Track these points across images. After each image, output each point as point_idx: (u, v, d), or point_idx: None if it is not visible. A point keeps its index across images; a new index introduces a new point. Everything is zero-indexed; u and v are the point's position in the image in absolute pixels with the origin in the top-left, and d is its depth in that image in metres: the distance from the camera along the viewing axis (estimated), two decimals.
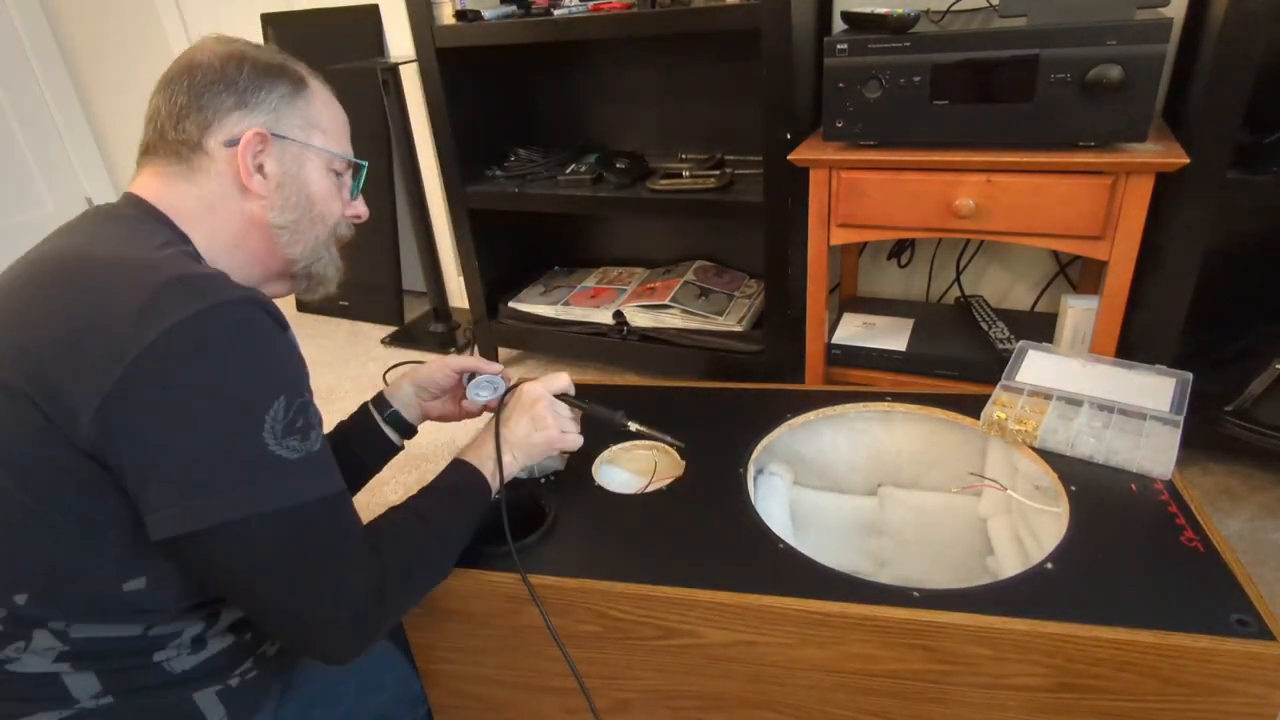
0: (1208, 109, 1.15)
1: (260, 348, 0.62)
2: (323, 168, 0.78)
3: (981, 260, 1.77)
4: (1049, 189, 1.20)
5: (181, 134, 0.71)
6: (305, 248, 0.79)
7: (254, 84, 0.73)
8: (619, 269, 2.16)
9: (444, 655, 0.90)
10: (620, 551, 0.83)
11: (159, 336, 0.56)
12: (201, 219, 0.72)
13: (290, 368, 0.64)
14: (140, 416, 0.57)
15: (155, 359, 0.56)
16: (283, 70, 0.76)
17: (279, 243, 0.76)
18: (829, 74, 1.29)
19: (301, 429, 0.62)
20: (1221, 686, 0.66)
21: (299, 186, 0.76)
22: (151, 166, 0.73)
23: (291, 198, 0.76)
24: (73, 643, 0.63)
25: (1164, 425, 0.91)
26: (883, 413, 1.06)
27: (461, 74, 1.82)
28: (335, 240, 0.83)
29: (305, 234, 0.78)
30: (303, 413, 0.63)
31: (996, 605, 0.71)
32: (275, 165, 0.74)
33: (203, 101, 0.71)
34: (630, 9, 1.57)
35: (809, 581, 0.76)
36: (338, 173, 0.81)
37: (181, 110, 0.71)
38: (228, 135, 0.72)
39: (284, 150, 0.75)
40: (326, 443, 0.66)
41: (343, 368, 2.21)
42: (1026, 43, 1.16)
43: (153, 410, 0.57)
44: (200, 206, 0.72)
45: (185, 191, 0.72)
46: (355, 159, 0.83)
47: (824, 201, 1.36)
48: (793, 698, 0.79)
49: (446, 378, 1.00)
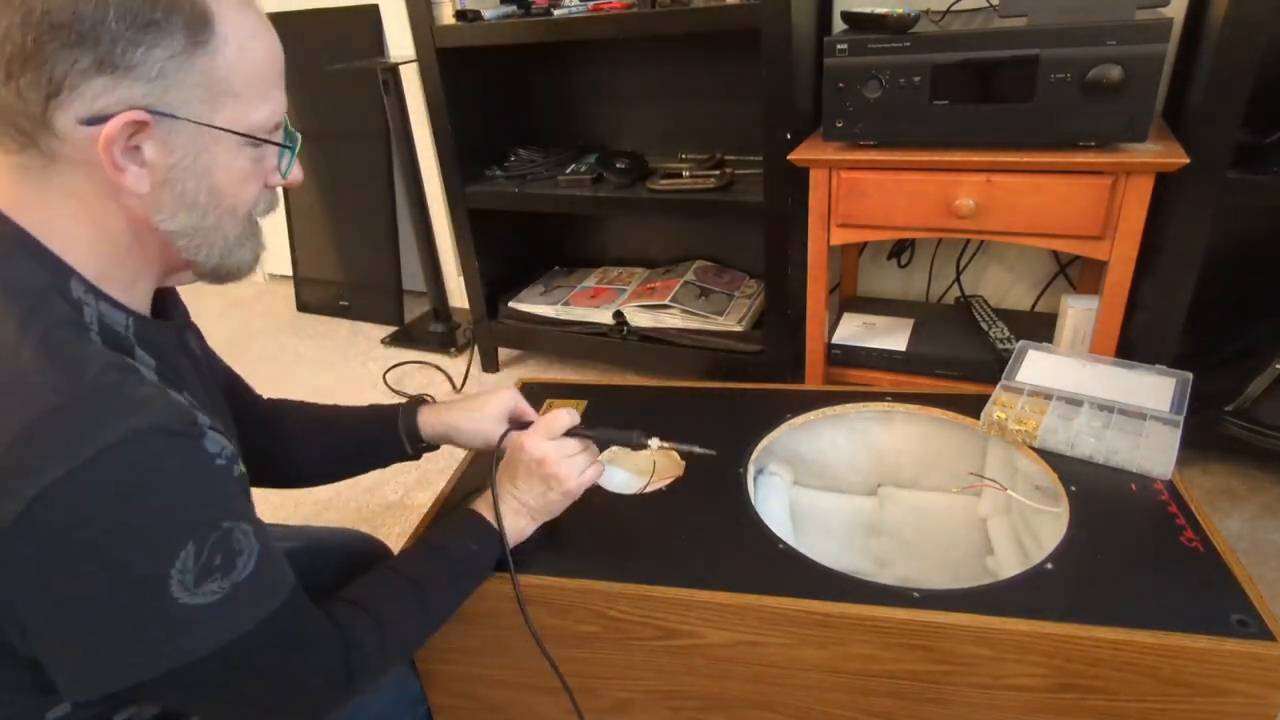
0: (1208, 109, 1.15)
1: (154, 496, 0.49)
2: (234, 147, 0.56)
3: (981, 260, 1.77)
4: (1049, 189, 1.20)
5: (20, 100, 0.48)
6: (210, 250, 0.59)
7: (127, 34, 0.49)
8: (619, 269, 2.16)
9: (444, 655, 0.90)
10: (620, 551, 0.83)
11: (25, 509, 0.45)
12: (78, 233, 0.54)
13: (198, 504, 0.51)
14: (19, 603, 0.48)
15: (24, 537, 0.45)
16: (174, 7, 0.50)
17: (179, 247, 0.58)
18: (829, 74, 1.29)
19: (222, 565, 0.52)
20: (1221, 686, 0.66)
21: (197, 178, 0.55)
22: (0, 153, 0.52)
23: (187, 195, 0.55)
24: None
25: (1164, 425, 0.91)
26: (883, 413, 1.06)
27: (461, 74, 1.82)
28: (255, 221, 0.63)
29: (210, 236, 0.58)
30: (220, 547, 0.52)
31: (996, 605, 0.71)
32: (161, 154, 0.53)
33: (45, 53, 0.47)
34: (630, 9, 1.57)
35: (809, 581, 0.76)
36: (257, 144, 0.58)
37: (12, 62, 0.47)
38: (87, 111, 0.49)
39: (174, 132, 0.52)
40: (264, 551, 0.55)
41: (343, 368, 2.21)
42: (1026, 43, 1.16)
43: (31, 596, 0.48)
44: (72, 214, 0.53)
45: (48, 193, 0.52)
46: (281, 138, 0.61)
47: (824, 201, 1.36)
48: (793, 698, 0.79)
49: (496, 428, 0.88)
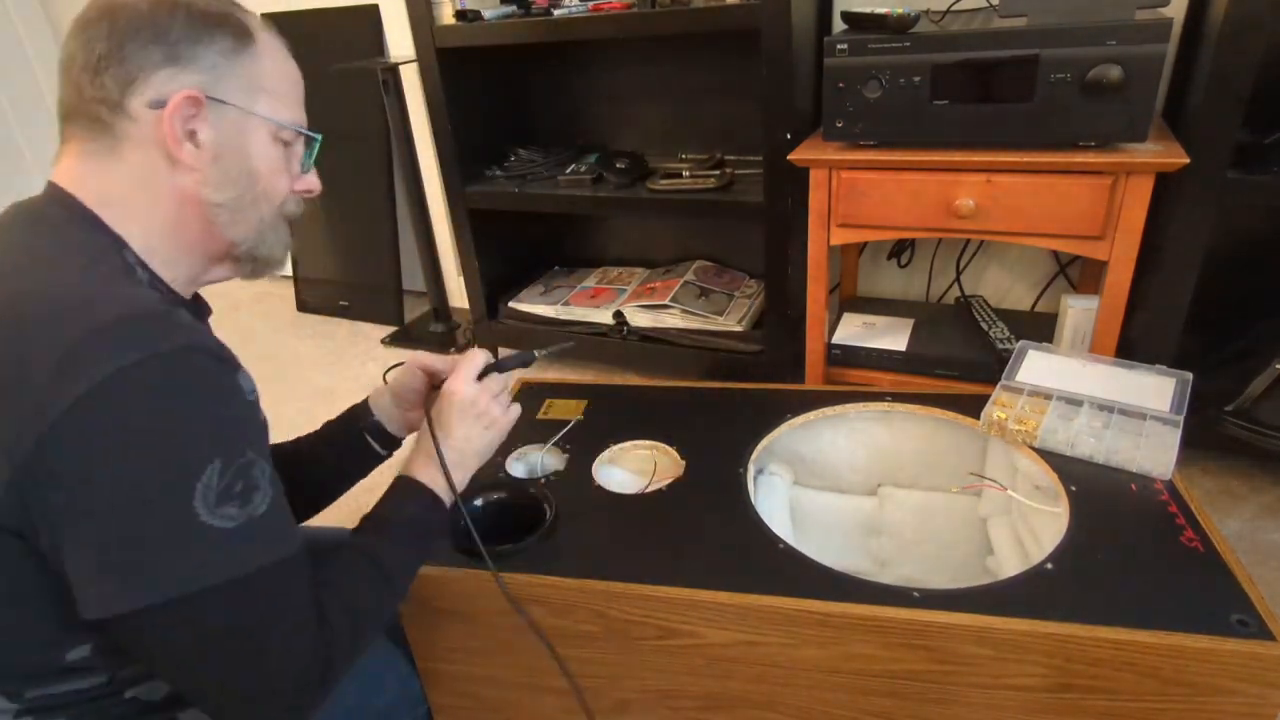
0: (1208, 109, 1.15)
1: (193, 405, 0.54)
2: (268, 137, 0.67)
3: (981, 260, 1.77)
4: (1049, 189, 1.20)
5: (100, 90, 0.60)
6: (248, 229, 0.68)
7: (189, 35, 0.62)
8: (619, 269, 2.16)
9: (444, 655, 0.90)
10: (620, 551, 0.83)
11: (75, 401, 0.50)
12: (134, 206, 0.63)
13: (230, 424, 0.57)
14: (57, 490, 0.51)
15: (73, 425, 0.50)
16: (225, 20, 0.64)
17: (217, 223, 0.66)
18: (829, 74, 1.29)
19: (241, 494, 0.55)
20: (1221, 686, 0.66)
21: (240, 159, 0.65)
22: (73, 142, 0.63)
23: (231, 171, 0.65)
24: (28, 701, 0.59)
25: (1164, 425, 0.91)
26: (883, 413, 1.06)
27: (461, 74, 1.82)
28: (284, 217, 0.72)
29: (247, 213, 0.67)
30: (242, 475, 0.56)
31: (996, 605, 0.71)
32: (211, 133, 0.63)
33: (125, 52, 0.60)
34: (630, 9, 1.57)
35: (809, 581, 0.76)
36: (286, 143, 0.69)
37: (100, 61, 0.60)
38: (155, 95, 0.61)
39: (222, 116, 0.63)
40: (278, 501, 0.60)
41: (343, 368, 2.21)
42: (1026, 43, 1.16)
43: (71, 483, 0.51)
44: (130, 188, 0.62)
45: (112, 172, 0.62)
46: (308, 131, 0.71)
47: (824, 201, 1.36)
48: (793, 698, 0.79)
49: (418, 380, 0.90)
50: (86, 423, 0.50)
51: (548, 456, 1.02)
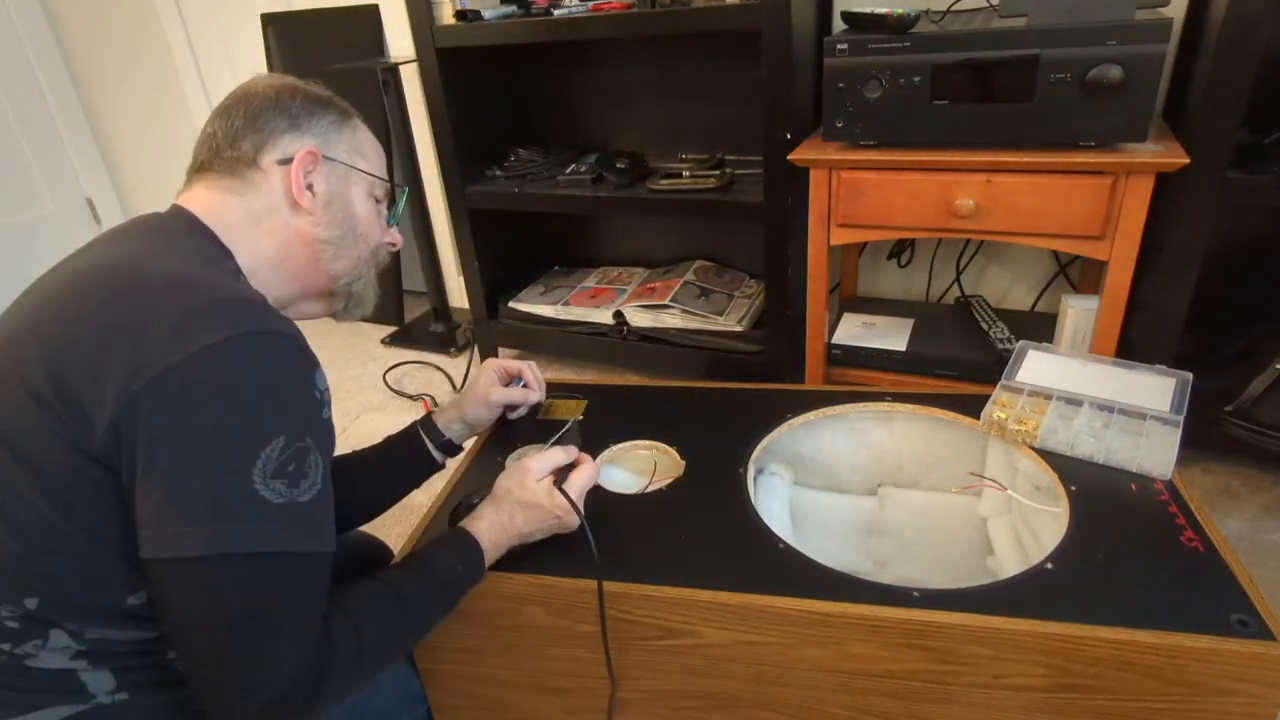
0: (1208, 109, 1.15)
1: (275, 381, 0.62)
2: (365, 191, 0.83)
3: (981, 260, 1.77)
4: (1049, 189, 1.20)
5: (237, 151, 0.75)
6: (347, 264, 0.82)
7: (306, 110, 0.78)
8: (619, 269, 2.16)
9: (444, 655, 0.90)
10: (620, 551, 0.83)
11: (184, 358, 0.58)
12: (246, 233, 0.75)
13: (300, 408, 0.63)
14: (147, 433, 0.57)
15: (175, 379, 0.58)
16: (331, 102, 0.82)
17: (323, 258, 0.79)
18: (829, 74, 1.29)
19: (292, 474, 0.61)
20: (1222, 686, 0.66)
21: (345, 205, 0.80)
22: (203, 181, 0.76)
23: (338, 215, 0.80)
24: (88, 643, 0.64)
25: (1164, 425, 0.91)
26: (883, 413, 1.06)
27: (461, 74, 1.82)
28: (375, 264, 0.86)
29: (348, 251, 0.81)
30: (299, 458, 0.62)
31: (996, 605, 0.71)
32: (324, 184, 0.78)
33: (259, 124, 0.76)
34: (630, 9, 1.57)
35: (809, 581, 0.76)
36: (377, 200, 0.85)
37: (238, 132, 0.76)
38: (281, 154, 0.76)
39: (332, 170, 0.79)
40: (323, 501, 0.64)
41: (343, 368, 2.20)
42: (1026, 43, 1.16)
43: (159, 429, 0.58)
44: (247, 220, 0.75)
45: (233, 205, 0.75)
46: (396, 183, 0.89)
47: (824, 201, 1.36)
48: (793, 698, 0.79)
49: (491, 414, 1.04)
50: (189, 377, 0.58)
51: None
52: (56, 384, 0.59)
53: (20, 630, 0.62)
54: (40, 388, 0.59)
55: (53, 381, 0.59)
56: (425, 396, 1.98)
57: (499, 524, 0.80)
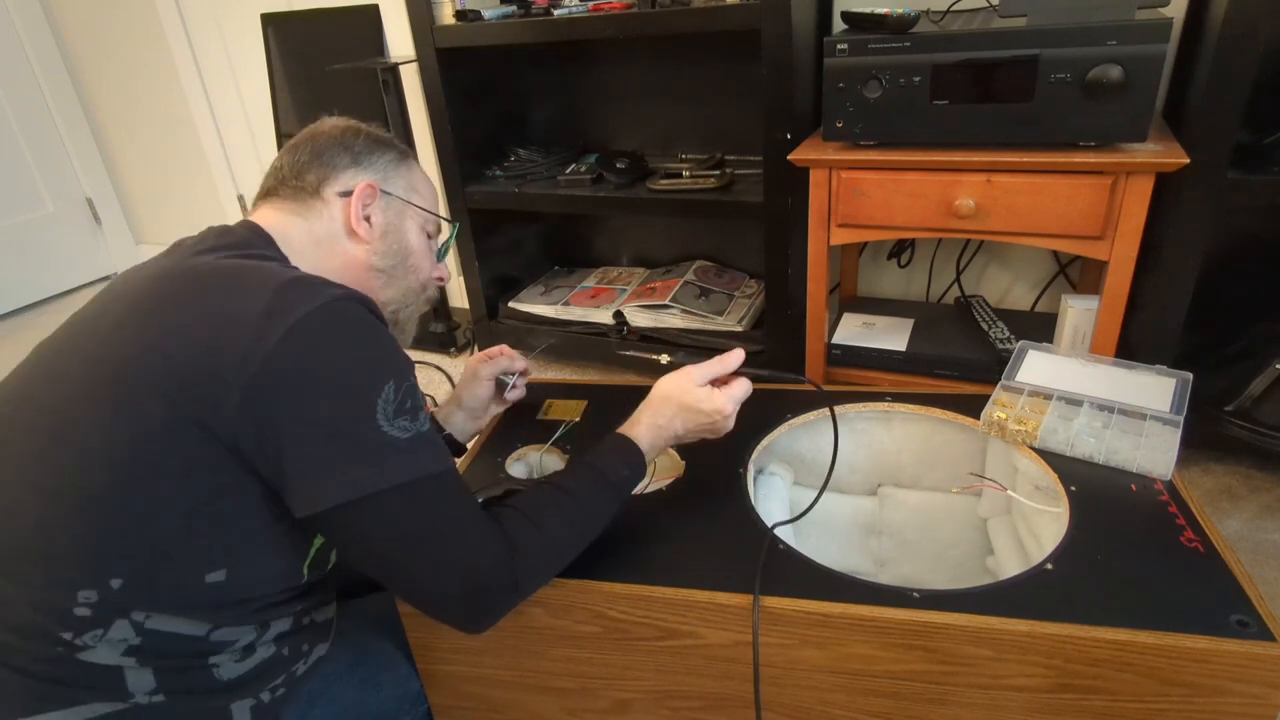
0: (1208, 109, 1.15)
1: (371, 337, 0.68)
2: (419, 226, 0.88)
3: (981, 260, 1.77)
4: (1049, 189, 1.20)
5: (302, 182, 0.82)
6: (397, 293, 0.86)
7: (368, 149, 0.85)
8: (619, 269, 2.16)
9: (444, 655, 0.90)
10: (620, 551, 0.83)
11: (287, 331, 0.63)
12: (306, 251, 0.80)
13: (396, 354, 0.70)
14: (277, 404, 0.63)
15: (288, 350, 0.63)
16: (391, 143, 0.88)
17: (375, 285, 0.84)
18: (829, 74, 1.29)
19: (410, 410, 0.68)
20: (1221, 687, 0.66)
21: (399, 237, 0.85)
22: (270, 203, 0.82)
23: (393, 246, 0.85)
24: (145, 634, 0.67)
25: (1164, 425, 0.91)
26: (883, 413, 1.06)
27: (461, 74, 1.82)
28: (423, 296, 0.91)
29: (400, 280, 0.86)
30: (410, 395, 0.69)
31: (996, 605, 0.71)
32: (381, 216, 0.84)
33: (324, 159, 0.83)
34: (630, 9, 1.57)
35: (809, 581, 0.76)
36: (429, 235, 0.90)
37: (304, 165, 0.82)
38: (343, 187, 0.82)
39: (389, 204, 0.85)
40: (431, 424, 0.71)
41: None
42: (1026, 43, 1.16)
43: (287, 398, 0.63)
44: (308, 241, 0.81)
45: (297, 225, 0.81)
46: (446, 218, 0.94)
47: (824, 201, 1.36)
48: (793, 698, 0.79)
49: (487, 390, 1.06)
50: (295, 349, 0.63)
51: (548, 457, 1.02)
52: (169, 377, 0.63)
53: (89, 619, 0.65)
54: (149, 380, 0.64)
55: (164, 376, 0.64)
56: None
57: (656, 426, 0.85)
